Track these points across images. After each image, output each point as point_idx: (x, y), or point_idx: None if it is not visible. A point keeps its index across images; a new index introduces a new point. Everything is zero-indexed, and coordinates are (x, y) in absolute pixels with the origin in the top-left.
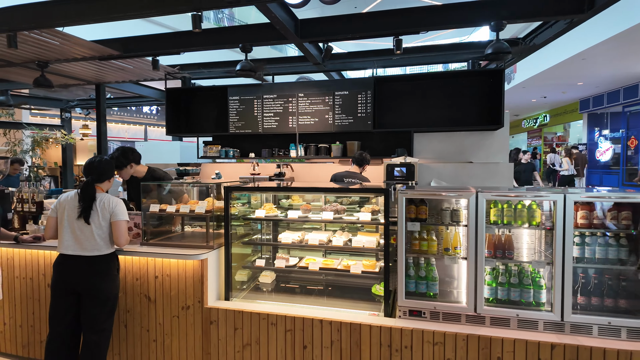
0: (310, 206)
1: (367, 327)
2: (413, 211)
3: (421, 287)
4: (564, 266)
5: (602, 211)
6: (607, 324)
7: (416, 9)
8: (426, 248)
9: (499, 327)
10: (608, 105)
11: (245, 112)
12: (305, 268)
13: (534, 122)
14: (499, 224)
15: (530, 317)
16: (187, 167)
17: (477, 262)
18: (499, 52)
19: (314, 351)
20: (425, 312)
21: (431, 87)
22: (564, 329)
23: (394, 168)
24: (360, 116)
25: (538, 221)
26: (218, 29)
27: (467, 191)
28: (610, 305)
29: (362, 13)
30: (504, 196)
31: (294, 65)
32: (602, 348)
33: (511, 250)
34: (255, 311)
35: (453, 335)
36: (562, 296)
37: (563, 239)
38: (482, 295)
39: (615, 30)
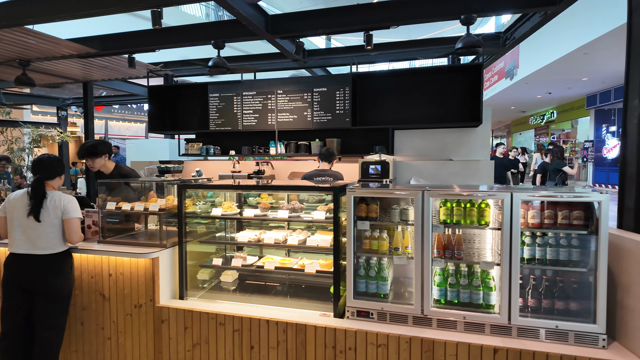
0: (268, 204)
1: (312, 327)
2: (364, 210)
3: (371, 287)
4: (510, 267)
5: (554, 211)
6: (555, 328)
7: (386, 3)
8: (376, 247)
9: (446, 329)
10: (615, 101)
11: (225, 110)
12: (261, 267)
13: (541, 118)
14: (448, 224)
15: (477, 320)
16: (168, 164)
17: (424, 263)
18: (469, 46)
19: (261, 351)
20: (373, 313)
21: (412, 83)
22: (511, 333)
23: (369, 166)
24: (338, 113)
25: (487, 220)
26: (192, 25)
27: (413, 189)
28: (561, 308)
29: (333, 8)
30: (450, 195)
31: (277, 62)
32: (545, 353)
33: (460, 251)
34: (205, 311)
35: (396, 337)
36: (509, 299)
37: (510, 239)
38: (429, 296)
39: (616, 23)
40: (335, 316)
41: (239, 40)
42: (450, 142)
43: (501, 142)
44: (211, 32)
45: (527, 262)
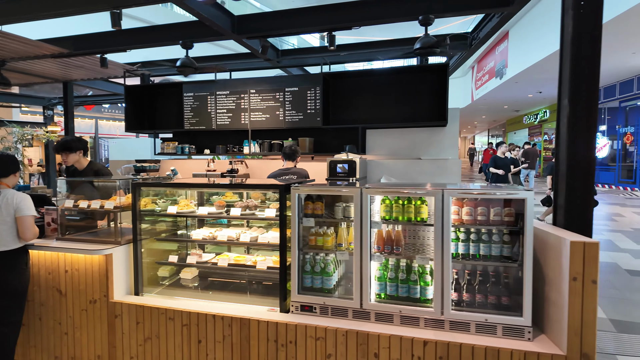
0: (223, 202)
1: (256, 322)
2: (310, 207)
3: (317, 282)
4: (442, 262)
5: (487, 208)
6: (484, 321)
7: (348, 4)
8: (322, 244)
9: (384, 322)
10: (605, 100)
11: (199, 109)
12: (215, 264)
13: (535, 117)
14: (387, 220)
15: (412, 314)
16: (144, 163)
17: (362, 258)
18: (427, 47)
19: (208, 345)
20: (315, 307)
21: (383, 83)
22: (443, 326)
23: (337, 164)
24: (310, 112)
25: (424, 217)
26: (161, 26)
27: (353, 188)
28: (493, 302)
29: (298, 9)
30: (386, 192)
31: (252, 61)
32: (471, 345)
33: (399, 246)
34: (156, 306)
35: (334, 330)
36: (442, 293)
37: (442, 235)
38: (367, 290)
39: None
40: (282, 311)
41: (207, 40)
42: (419, 142)
43: (502, 141)
44: (180, 33)
45: (461, 258)
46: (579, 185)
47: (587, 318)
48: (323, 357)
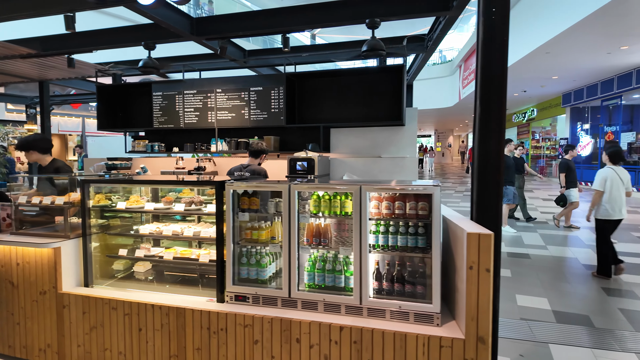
0: (171, 198)
1: (191, 311)
2: (246, 202)
3: (252, 273)
4: (360, 253)
5: (404, 202)
6: (398, 308)
7: (301, 7)
8: (257, 237)
9: (309, 310)
10: (588, 99)
11: (167, 108)
12: (162, 258)
13: (523, 116)
14: (315, 214)
15: (334, 301)
16: (115, 161)
17: (290, 250)
18: (373, 50)
19: (148, 333)
20: (248, 297)
21: (346, 83)
22: (362, 313)
23: (296, 162)
24: (274, 111)
25: (347, 211)
26: (123, 27)
27: (282, 184)
28: (409, 290)
29: (256, 11)
30: (312, 188)
31: (219, 61)
32: (382, 330)
33: (326, 239)
34: (100, 297)
35: (260, 318)
36: (360, 282)
37: (360, 228)
38: (295, 280)
39: (571, 22)
40: (218, 301)
41: (168, 42)
42: (380, 140)
43: (509, 139)
44: (142, 34)
45: (381, 249)
46: (490, 182)
47: (482, 304)
48: (251, 343)
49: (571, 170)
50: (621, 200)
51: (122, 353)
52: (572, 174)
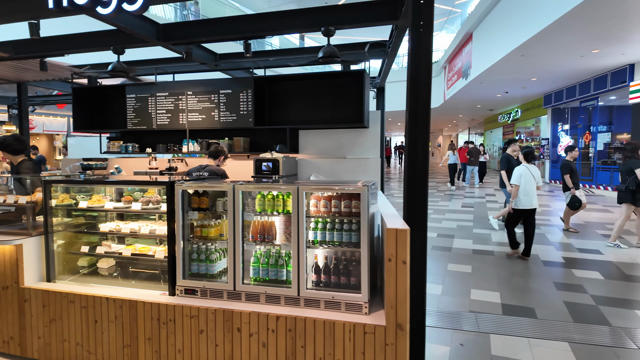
0: (130, 197)
1: (142, 304)
2: (196, 201)
3: (202, 268)
4: (298, 248)
5: (340, 201)
6: (332, 298)
7: (259, 15)
8: (206, 234)
9: (253, 302)
10: (567, 100)
11: (141, 109)
12: (121, 254)
13: (508, 116)
14: (259, 212)
15: (274, 293)
16: (91, 161)
17: (235, 245)
18: (328, 56)
19: (103, 325)
20: (197, 290)
21: (314, 87)
22: (299, 303)
23: (262, 163)
24: (242, 114)
25: (289, 209)
26: (93, 32)
27: (227, 184)
28: (344, 282)
29: (217, 18)
30: (254, 188)
31: (190, 64)
32: (313, 318)
33: (270, 235)
34: (59, 291)
35: (205, 309)
36: (298, 275)
37: (297, 224)
38: (239, 274)
39: (541, 25)
40: (170, 294)
41: (136, 47)
42: (345, 142)
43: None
44: (112, 39)
45: (320, 244)
46: (417, 183)
47: (400, 294)
48: (197, 333)
49: (574, 172)
50: (532, 193)
51: (80, 344)
52: (574, 175)
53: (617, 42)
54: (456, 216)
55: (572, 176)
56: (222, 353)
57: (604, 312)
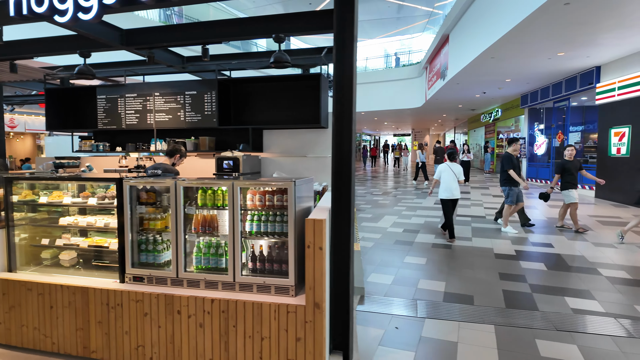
0: (88, 193)
1: (93, 290)
2: (144, 196)
3: (150, 258)
4: (234, 238)
5: (273, 195)
6: (263, 283)
7: (217, 22)
8: (153, 226)
9: (194, 288)
10: (541, 101)
11: (111, 110)
12: (78, 246)
13: (489, 116)
14: (201, 206)
15: (213, 279)
16: (63, 160)
17: (177, 237)
18: (279, 61)
19: (58, 310)
20: (144, 277)
21: (278, 88)
22: (235, 288)
23: (223, 161)
24: (207, 114)
25: (225, 203)
26: (60, 37)
27: (170, 180)
28: (276, 268)
29: (176, 25)
30: (194, 184)
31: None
32: (243, 300)
33: (211, 227)
34: (18, 279)
35: (149, 294)
36: (234, 262)
37: (232, 216)
38: (182, 262)
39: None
40: (121, 282)
41: (100, 51)
42: (306, 141)
43: (515, 138)
44: (77, 43)
45: (255, 234)
46: (343, 178)
47: (317, 276)
48: (141, 315)
49: (566, 170)
50: (451, 186)
51: (37, 328)
52: (567, 175)
53: (581, 46)
54: (426, 212)
55: (564, 176)
56: (164, 333)
57: (536, 298)
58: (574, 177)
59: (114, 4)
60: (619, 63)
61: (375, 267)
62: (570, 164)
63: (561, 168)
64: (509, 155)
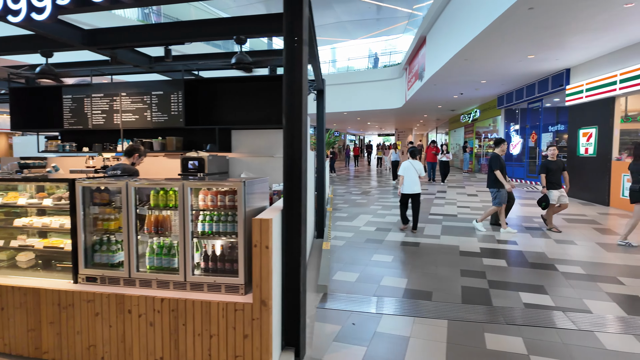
0: (45, 194)
1: (44, 291)
2: (98, 197)
3: (104, 258)
4: (184, 239)
5: (224, 195)
6: (213, 282)
7: (180, 23)
8: (107, 227)
9: (146, 287)
10: (517, 102)
11: (77, 110)
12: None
13: (469, 117)
14: (152, 207)
15: (164, 279)
16: (28, 160)
17: (129, 237)
18: (240, 63)
19: (9, 311)
20: (97, 278)
21: (245, 89)
22: (186, 287)
23: (188, 161)
24: (173, 114)
25: (175, 204)
26: (22, 36)
27: (120, 181)
28: (228, 268)
29: (138, 25)
30: (144, 185)
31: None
32: (192, 299)
33: (163, 228)
34: None
35: (100, 294)
36: (184, 262)
37: (183, 216)
38: (134, 262)
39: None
40: (74, 282)
41: (62, 50)
42: (274, 142)
43: (502, 139)
44: (39, 42)
45: (209, 235)
46: (294, 178)
47: (264, 274)
48: (93, 315)
49: (550, 170)
50: (412, 182)
51: None
52: (551, 174)
53: (549, 49)
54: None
55: (548, 176)
56: (115, 332)
57: (492, 294)
58: (557, 177)
59: (68, 4)
60: (587, 66)
61: (342, 265)
62: (553, 164)
63: (545, 168)
64: (497, 155)
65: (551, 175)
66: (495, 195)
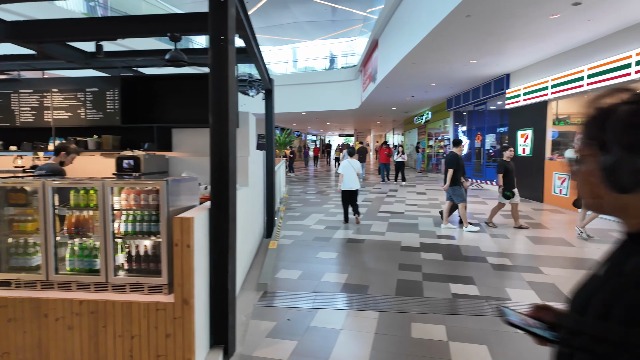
0: None
1: None
2: (14, 197)
3: (20, 262)
4: (105, 239)
5: (148, 194)
6: (136, 283)
7: (113, 18)
8: (23, 229)
9: (66, 290)
10: (464, 104)
11: (3, 106)
12: None
13: (421, 118)
14: (73, 207)
15: (84, 281)
16: None
17: (46, 239)
18: (175, 60)
19: None
20: (11, 282)
21: (187, 87)
22: (107, 289)
23: (123, 160)
24: (109, 112)
25: (96, 204)
26: None
27: (36, 180)
28: (152, 268)
29: (68, 19)
30: (63, 185)
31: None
32: (112, 301)
33: (84, 228)
34: None
35: (13, 299)
36: (106, 262)
37: (103, 216)
38: (52, 265)
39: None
40: None
41: None
42: None
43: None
44: None
45: (130, 235)
46: (222, 177)
47: (185, 273)
48: (5, 322)
49: (509, 171)
50: (351, 179)
51: None
52: (510, 174)
53: (489, 54)
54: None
55: (507, 176)
56: (30, 338)
57: (424, 286)
58: (513, 177)
59: None
60: (524, 71)
61: (287, 263)
62: (510, 165)
63: (504, 168)
64: (455, 155)
65: (509, 175)
66: (454, 193)
